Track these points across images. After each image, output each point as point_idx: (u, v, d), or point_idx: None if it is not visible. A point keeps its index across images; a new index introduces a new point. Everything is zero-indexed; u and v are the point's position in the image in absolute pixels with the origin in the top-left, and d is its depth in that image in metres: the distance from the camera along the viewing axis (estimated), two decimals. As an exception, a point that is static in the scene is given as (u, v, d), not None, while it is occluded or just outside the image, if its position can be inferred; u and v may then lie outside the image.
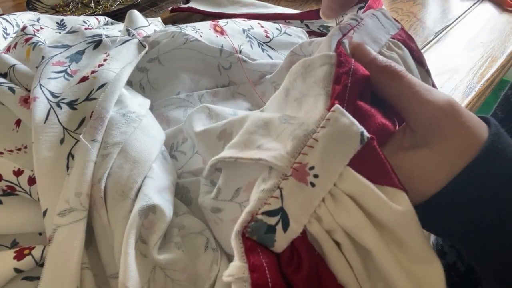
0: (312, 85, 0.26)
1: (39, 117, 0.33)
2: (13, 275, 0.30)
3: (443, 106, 0.24)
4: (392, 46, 0.31)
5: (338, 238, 0.23)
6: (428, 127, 0.24)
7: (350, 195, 0.23)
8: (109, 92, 0.34)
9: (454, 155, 0.23)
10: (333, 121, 0.24)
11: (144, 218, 0.29)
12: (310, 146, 0.23)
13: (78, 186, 0.29)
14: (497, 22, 0.69)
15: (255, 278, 0.20)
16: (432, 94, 0.24)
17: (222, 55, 0.45)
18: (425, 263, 0.22)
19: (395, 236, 0.23)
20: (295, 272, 0.21)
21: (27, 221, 0.33)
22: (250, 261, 0.20)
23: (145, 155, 0.32)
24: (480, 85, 0.56)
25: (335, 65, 0.26)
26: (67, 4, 0.85)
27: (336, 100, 0.24)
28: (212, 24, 0.46)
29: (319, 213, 0.23)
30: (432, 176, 0.23)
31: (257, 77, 0.46)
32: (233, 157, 0.25)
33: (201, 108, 0.35)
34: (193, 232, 0.31)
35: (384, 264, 0.22)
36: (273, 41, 0.50)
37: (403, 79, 0.25)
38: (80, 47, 0.40)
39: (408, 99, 0.25)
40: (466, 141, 0.23)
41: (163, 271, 0.29)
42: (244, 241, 0.21)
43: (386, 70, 0.26)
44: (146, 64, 0.44)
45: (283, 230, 0.22)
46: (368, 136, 0.23)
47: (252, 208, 0.22)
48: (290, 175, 0.23)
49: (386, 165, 0.23)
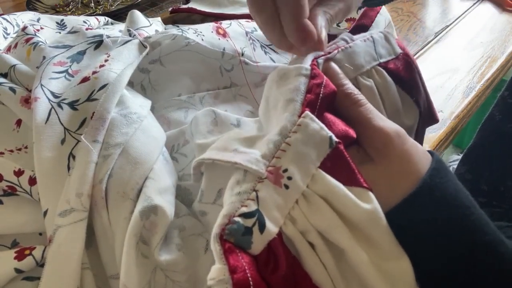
0: (286, 92, 0.27)
1: (40, 117, 0.33)
2: (13, 275, 0.30)
3: (390, 133, 0.27)
4: (373, 73, 0.32)
5: (312, 238, 0.23)
6: (376, 149, 0.27)
7: (322, 196, 0.24)
8: (110, 93, 0.34)
9: (395, 178, 0.26)
10: (304, 127, 0.25)
11: (145, 219, 0.29)
12: (283, 150, 0.25)
13: (79, 186, 0.29)
14: (497, 22, 0.69)
15: (236, 279, 0.20)
16: (384, 122, 0.28)
17: (224, 58, 0.45)
18: (394, 259, 0.24)
19: (365, 234, 0.24)
20: (272, 273, 0.22)
21: (28, 221, 0.33)
22: (230, 263, 0.21)
23: (146, 156, 0.32)
24: (480, 85, 0.56)
25: (309, 77, 0.28)
26: (67, 4, 0.85)
27: (307, 108, 0.26)
28: (215, 26, 0.46)
29: (293, 214, 0.24)
30: (376, 193, 0.25)
31: (259, 79, 0.46)
32: (211, 158, 0.26)
33: (208, 112, 0.35)
34: (193, 234, 0.32)
35: (357, 262, 0.23)
36: (275, 44, 0.50)
37: (361, 106, 0.28)
38: (81, 47, 0.40)
39: (363, 123, 0.28)
40: (407, 167, 0.26)
41: (164, 272, 0.29)
42: (222, 244, 0.22)
43: (348, 96, 0.29)
44: (147, 65, 0.44)
45: (259, 231, 0.22)
46: (336, 140, 0.25)
47: (229, 211, 0.23)
48: (265, 178, 0.24)
49: (353, 167, 0.25)
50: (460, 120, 0.52)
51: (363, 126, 0.28)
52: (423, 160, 0.27)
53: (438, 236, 0.25)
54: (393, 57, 0.33)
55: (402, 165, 0.26)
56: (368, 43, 0.32)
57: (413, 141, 0.28)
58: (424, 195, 0.25)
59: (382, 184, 0.26)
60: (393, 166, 0.26)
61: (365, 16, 0.52)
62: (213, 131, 0.34)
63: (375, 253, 0.24)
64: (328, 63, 0.30)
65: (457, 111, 0.52)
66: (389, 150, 0.26)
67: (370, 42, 0.32)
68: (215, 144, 0.29)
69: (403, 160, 0.26)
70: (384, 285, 0.23)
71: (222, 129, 0.35)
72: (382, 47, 0.33)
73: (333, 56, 0.30)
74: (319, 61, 0.29)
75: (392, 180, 0.26)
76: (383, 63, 0.32)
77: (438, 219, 0.25)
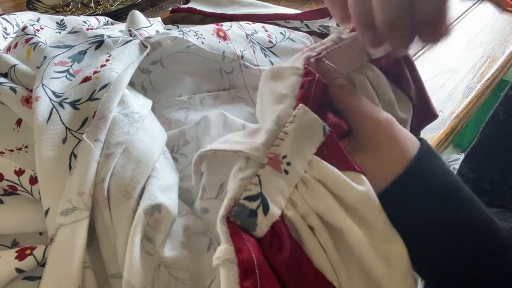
0: (281, 88, 0.29)
1: (42, 116, 0.33)
2: (14, 275, 0.30)
3: (381, 120, 0.28)
4: (364, 69, 0.33)
5: (312, 222, 0.25)
6: (367, 136, 0.28)
7: (319, 180, 0.26)
8: (112, 93, 0.34)
9: (384, 162, 0.27)
10: (299, 117, 0.27)
11: (149, 217, 0.29)
12: (281, 138, 0.26)
13: (81, 185, 0.29)
14: (497, 22, 0.69)
15: (241, 258, 0.21)
16: (375, 110, 0.29)
17: (225, 61, 0.45)
18: (388, 241, 0.25)
19: (361, 216, 0.25)
20: (276, 255, 0.23)
21: (28, 220, 0.33)
22: (236, 243, 0.22)
23: (148, 155, 0.32)
24: (480, 85, 0.56)
25: (302, 75, 0.29)
26: (67, 4, 0.85)
27: (301, 101, 0.28)
28: (215, 29, 0.46)
29: (293, 198, 0.25)
30: (367, 178, 0.27)
31: (258, 82, 0.46)
32: (213, 149, 0.27)
33: (220, 114, 0.37)
34: (196, 233, 0.32)
35: (354, 242, 0.24)
36: (276, 47, 0.50)
37: (354, 96, 0.30)
38: (82, 47, 0.40)
39: (355, 111, 0.29)
40: (396, 151, 0.27)
41: (167, 270, 0.29)
42: (229, 225, 0.23)
43: (342, 88, 0.30)
44: (148, 66, 0.44)
45: (263, 213, 0.24)
46: (329, 129, 0.27)
47: (234, 195, 0.24)
48: (266, 163, 0.25)
49: (345, 153, 0.27)
50: (460, 120, 0.52)
51: (355, 115, 0.29)
52: (411, 144, 0.28)
53: (426, 217, 0.26)
54: (383, 54, 0.34)
55: (391, 151, 0.27)
56: (358, 42, 0.32)
57: (402, 128, 0.29)
58: (412, 177, 0.26)
59: (373, 169, 0.27)
60: (383, 152, 0.28)
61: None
62: (222, 135, 0.35)
63: (371, 235, 0.25)
64: (320, 61, 0.31)
65: (457, 111, 0.52)
66: (379, 137, 0.28)
67: (359, 41, 0.33)
68: (216, 141, 0.30)
69: (392, 146, 0.27)
70: (381, 264, 0.24)
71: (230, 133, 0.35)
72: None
73: (324, 56, 0.31)
74: (311, 61, 0.31)
75: (382, 166, 0.27)
76: (374, 59, 0.33)
77: (425, 201, 0.26)
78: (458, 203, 0.26)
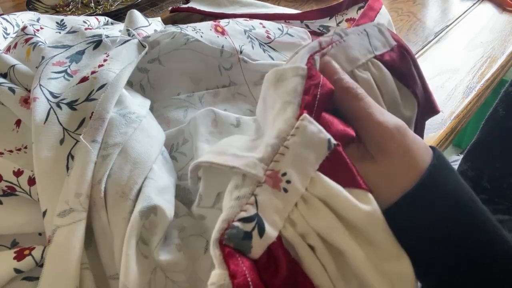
0: (283, 94, 0.27)
1: (39, 117, 0.33)
2: (13, 275, 0.30)
3: (390, 128, 0.26)
4: (369, 66, 0.31)
5: (312, 241, 0.23)
6: (376, 144, 0.26)
7: (321, 199, 0.24)
8: (109, 93, 0.34)
9: (395, 174, 0.26)
10: (302, 129, 0.25)
11: (145, 219, 0.29)
12: (282, 153, 0.24)
13: (78, 186, 0.29)
14: (497, 22, 0.69)
15: (236, 284, 0.20)
16: (384, 116, 0.27)
17: (223, 56, 0.45)
18: (394, 259, 0.24)
19: (365, 235, 0.24)
20: (272, 277, 0.22)
21: (27, 221, 0.33)
22: (230, 267, 0.21)
23: (145, 156, 0.32)
24: (480, 85, 0.56)
25: (306, 77, 0.27)
26: (67, 4, 0.85)
27: (305, 110, 0.26)
28: (213, 25, 0.46)
29: (292, 217, 0.24)
30: (376, 190, 0.25)
31: (258, 77, 0.46)
32: (209, 162, 0.26)
33: (207, 112, 0.35)
34: (193, 234, 0.32)
35: (357, 263, 0.23)
36: (274, 42, 0.50)
37: (361, 100, 0.28)
38: (80, 47, 0.40)
39: (362, 118, 0.27)
40: (408, 162, 0.26)
41: (164, 273, 0.29)
42: (222, 248, 0.22)
43: (347, 90, 0.28)
44: (146, 65, 0.44)
45: (259, 235, 0.22)
46: (334, 142, 0.25)
47: (228, 216, 0.23)
48: (264, 182, 0.24)
49: (352, 169, 0.25)
50: (460, 120, 0.52)
51: (363, 121, 0.27)
52: (424, 155, 0.26)
53: (436, 234, 0.25)
54: (388, 49, 0.33)
55: (402, 161, 0.26)
56: (362, 36, 0.31)
57: (414, 135, 0.27)
58: (423, 192, 0.25)
59: (383, 180, 0.26)
60: (393, 161, 0.26)
61: (365, 16, 0.52)
62: (213, 132, 0.34)
63: (375, 254, 0.24)
64: (325, 58, 0.29)
65: (457, 111, 0.52)
66: (389, 145, 0.26)
67: (364, 35, 0.32)
68: (213, 148, 0.28)
69: (403, 155, 0.26)
70: (384, 285, 0.23)
71: (222, 129, 0.35)
72: (377, 39, 0.33)
73: (328, 51, 0.30)
74: (315, 58, 0.29)
75: (392, 176, 0.26)
76: (379, 55, 0.32)
77: (437, 217, 0.25)
78: (470, 222, 0.25)
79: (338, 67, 0.29)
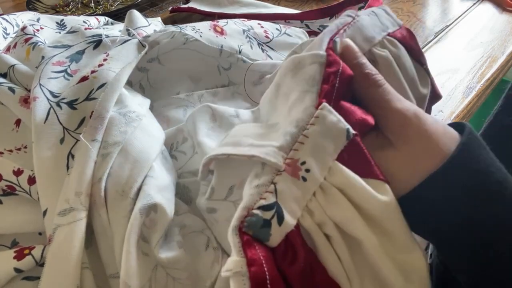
0: (301, 82, 0.27)
1: (39, 116, 0.33)
2: (13, 275, 0.30)
3: (408, 115, 0.26)
4: (386, 43, 0.31)
5: (328, 230, 0.24)
6: (395, 132, 0.27)
7: (339, 188, 0.24)
8: (109, 92, 0.34)
9: (416, 160, 0.25)
10: (322, 119, 0.25)
11: (145, 216, 0.29)
12: (301, 142, 0.25)
13: (78, 185, 0.29)
14: (497, 22, 0.69)
15: (253, 272, 0.20)
16: (402, 103, 0.27)
17: (222, 55, 0.45)
18: (408, 252, 0.24)
19: (381, 226, 0.24)
20: (290, 265, 0.22)
21: (27, 221, 0.33)
22: (248, 255, 0.21)
23: (145, 155, 0.32)
24: (480, 85, 0.55)
25: (325, 65, 0.27)
26: (67, 4, 0.85)
27: (324, 99, 0.26)
28: (212, 24, 0.46)
29: (310, 206, 0.24)
30: (397, 177, 0.25)
31: (257, 77, 0.46)
32: (226, 153, 0.26)
33: (204, 108, 0.35)
34: (194, 231, 0.31)
35: (373, 253, 0.23)
36: (273, 42, 0.50)
37: (380, 87, 0.28)
38: (80, 47, 0.40)
39: (380, 105, 0.27)
40: (428, 148, 0.25)
41: (165, 270, 0.29)
42: (241, 236, 0.22)
43: (367, 77, 0.28)
44: (146, 64, 0.44)
45: (278, 223, 0.22)
46: (353, 132, 0.25)
47: (248, 203, 0.23)
48: (283, 170, 0.24)
49: (369, 159, 0.25)
50: (460, 120, 0.52)
51: (381, 109, 0.27)
52: (445, 138, 0.26)
53: (465, 213, 0.24)
54: (398, 28, 0.33)
55: (422, 146, 0.25)
56: (372, 17, 0.31)
57: (432, 119, 0.27)
58: (452, 170, 0.24)
59: (404, 167, 0.26)
60: (413, 148, 0.26)
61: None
62: (213, 127, 0.34)
63: (390, 245, 0.24)
64: (344, 41, 0.29)
65: (457, 111, 0.52)
66: (408, 132, 0.26)
67: (374, 15, 0.32)
68: (226, 140, 0.28)
69: (423, 141, 0.26)
70: (398, 276, 0.23)
71: (221, 122, 0.34)
72: (386, 19, 0.33)
73: (346, 32, 0.30)
74: (336, 40, 0.29)
75: (415, 162, 0.25)
76: (391, 33, 0.32)
77: (467, 195, 0.24)
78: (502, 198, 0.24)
79: (357, 50, 0.29)
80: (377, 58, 0.30)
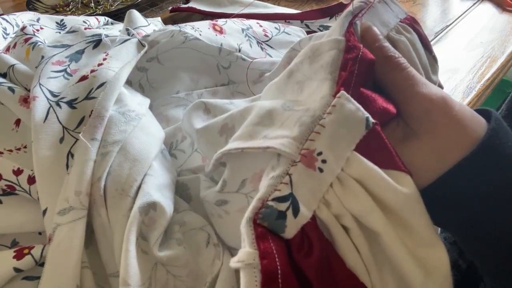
0: (319, 69, 0.26)
1: (39, 116, 0.33)
2: (13, 274, 0.30)
3: (435, 99, 0.24)
4: (401, 29, 0.31)
5: (346, 222, 0.23)
6: (419, 119, 0.25)
7: (357, 180, 0.23)
8: (109, 91, 0.34)
9: (443, 148, 0.24)
10: (339, 107, 0.24)
11: (144, 215, 0.29)
12: (317, 132, 0.24)
13: (78, 185, 0.29)
14: (497, 22, 0.69)
15: (265, 265, 0.20)
16: (427, 87, 0.25)
17: (221, 54, 0.45)
18: (430, 246, 0.23)
19: (402, 219, 0.23)
20: (306, 257, 0.21)
21: (27, 220, 0.33)
22: (261, 248, 0.20)
23: (144, 153, 0.32)
24: (480, 85, 0.55)
25: (343, 51, 0.26)
26: (67, 4, 0.85)
27: (342, 87, 0.25)
28: (211, 23, 0.46)
29: (327, 198, 0.23)
30: (423, 167, 0.24)
31: (256, 75, 0.46)
32: (240, 148, 0.25)
33: (197, 104, 0.34)
34: (194, 228, 0.31)
35: (392, 247, 0.22)
36: (272, 40, 0.50)
37: (403, 70, 0.26)
38: (79, 46, 0.40)
39: (404, 89, 0.25)
40: (456, 135, 0.24)
41: (165, 268, 0.29)
42: (255, 228, 0.21)
43: (389, 60, 0.26)
44: (145, 64, 0.44)
45: (293, 215, 0.22)
46: (373, 121, 0.24)
47: (263, 195, 0.22)
48: (299, 161, 0.23)
49: (390, 149, 0.24)
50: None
51: (404, 93, 0.25)
52: (473, 124, 0.24)
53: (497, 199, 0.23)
54: (405, 15, 0.32)
55: (450, 134, 0.24)
56: (383, 4, 0.31)
57: (460, 104, 0.25)
58: (482, 156, 0.23)
59: (428, 158, 0.24)
60: (439, 136, 0.24)
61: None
62: (208, 118, 0.33)
63: (410, 239, 0.23)
64: (365, 23, 0.28)
65: (457, 110, 0.52)
66: (434, 118, 0.24)
67: (383, 3, 0.31)
68: (237, 134, 0.27)
69: (450, 128, 0.24)
70: (418, 271, 0.22)
71: (215, 113, 0.34)
72: (394, 7, 0.32)
73: (362, 16, 0.29)
74: (356, 22, 0.28)
75: (440, 152, 0.24)
76: (402, 19, 0.31)
77: (499, 181, 0.23)
78: None
79: (379, 33, 0.28)
80: (395, 43, 0.30)
